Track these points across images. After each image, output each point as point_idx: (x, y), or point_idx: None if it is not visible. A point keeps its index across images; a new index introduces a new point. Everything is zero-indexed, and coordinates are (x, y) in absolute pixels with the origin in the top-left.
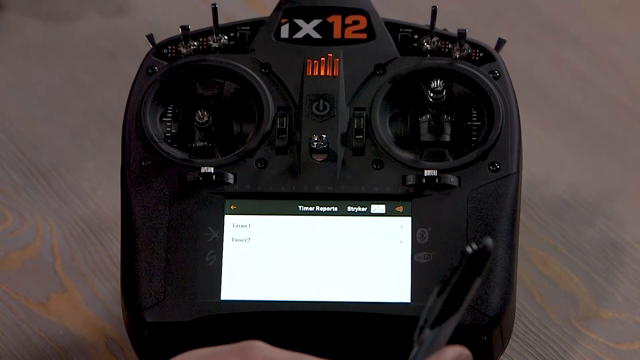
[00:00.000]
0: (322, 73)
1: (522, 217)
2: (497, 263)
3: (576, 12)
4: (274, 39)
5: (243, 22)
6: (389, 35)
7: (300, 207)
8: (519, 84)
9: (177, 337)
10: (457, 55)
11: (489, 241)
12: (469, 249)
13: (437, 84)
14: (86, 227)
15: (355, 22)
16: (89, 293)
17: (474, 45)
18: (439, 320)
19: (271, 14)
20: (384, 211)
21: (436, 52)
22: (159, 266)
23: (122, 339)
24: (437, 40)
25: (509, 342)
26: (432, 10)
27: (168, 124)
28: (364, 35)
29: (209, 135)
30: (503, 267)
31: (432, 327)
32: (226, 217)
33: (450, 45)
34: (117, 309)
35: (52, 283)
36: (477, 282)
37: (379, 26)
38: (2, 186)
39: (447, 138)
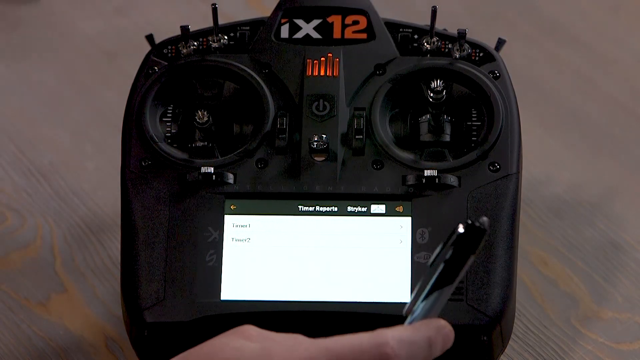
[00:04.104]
0: (322, 73)
1: (522, 217)
2: (497, 263)
3: (576, 12)
4: (274, 39)
5: (243, 22)
6: (389, 35)
7: (300, 207)
8: (519, 84)
9: (177, 337)
10: (457, 55)
11: (484, 220)
12: (461, 226)
13: (437, 84)
14: (86, 227)
15: (355, 22)
16: (89, 293)
17: (474, 45)
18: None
19: (271, 14)
20: (384, 211)
21: (436, 52)
22: (159, 266)
23: (122, 339)
24: (437, 40)
25: (509, 342)
26: (432, 10)
27: (168, 124)
28: (364, 35)
29: (209, 135)
30: (503, 267)
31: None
32: (226, 217)
33: (450, 45)
34: (117, 309)
35: (52, 283)
36: (471, 260)
37: (379, 26)
38: (2, 186)
39: (447, 138)
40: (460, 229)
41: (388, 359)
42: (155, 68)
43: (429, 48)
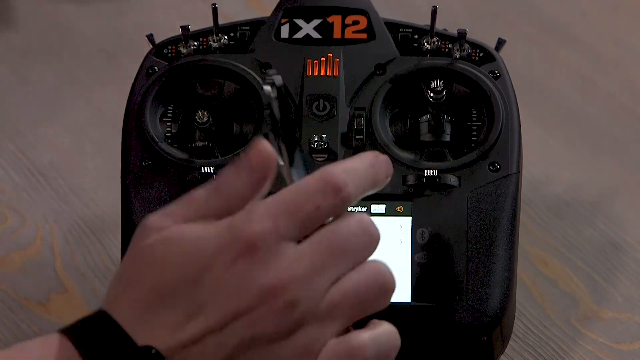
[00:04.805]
0: (322, 73)
1: (522, 217)
2: (497, 263)
3: (576, 12)
4: (274, 39)
5: (243, 22)
6: (389, 35)
7: None
8: (519, 84)
9: None
10: (457, 55)
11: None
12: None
13: (437, 84)
14: (86, 227)
15: (355, 22)
16: (89, 293)
17: (474, 45)
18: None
19: (271, 14)
20: (384, 211)
21: (436, 52)
22: None
23: None
24: (437, 40)
25: (509, 342)
26: (432, 10)
27: (168, 124)
28: (364, 35)
29: (209, 135)
30: (503, 267)
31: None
32: None
33: (450, 45)
34: None
35: (52, 283)
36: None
37: (379, 26)
38: (2, 186)
39: (447, 138)
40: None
41: (338, 189)
42: (155, 68)
43: (429, 48)
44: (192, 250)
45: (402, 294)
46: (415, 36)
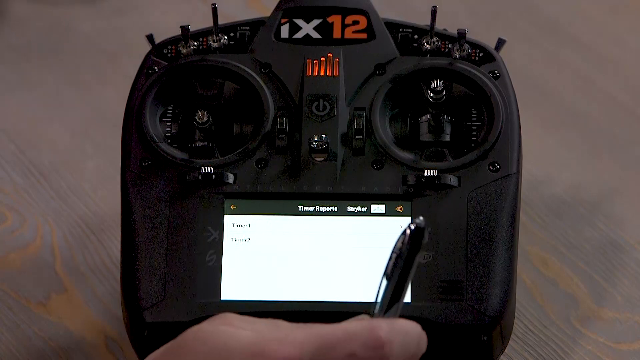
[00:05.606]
0: (322, 73)
1: (522, 217)
2: (497, 263)
3: (576, 12)
4: (274, 39)
5: (243, 22)
6: (389, 35)
7: (300, 207)
8: (519, 84)
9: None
10: (457, 55)
11: (421, 219)
12: (407, 230)
13: (437, 84)
14: (86, 227)
15: (355, 22)
16: (89, 293)
17: (474, 45)
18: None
19: (271, 14)
20: (384, 211)
21: (436, 52)
22: (159, 266)
23: (122, 339)
24: (437, 40)
25: (509, 342)
26: (432, 10)
27: (168, 124)
28: (364, 35)
29: (209, 135)
30: (503, 267)
31: (387, 308)
32: (226, 217)
33: (450, 45)
34: (117, 309)
35: (52, 283)
36: (418, 259)
37: (379, 26)
38: (2, 186)
39: (447, 138)
40: (409, 229)
41: (381, 345)
42: (155, 68)
43: (429, 48)
44: (218, 347)
45: None
46: (415, 36)
